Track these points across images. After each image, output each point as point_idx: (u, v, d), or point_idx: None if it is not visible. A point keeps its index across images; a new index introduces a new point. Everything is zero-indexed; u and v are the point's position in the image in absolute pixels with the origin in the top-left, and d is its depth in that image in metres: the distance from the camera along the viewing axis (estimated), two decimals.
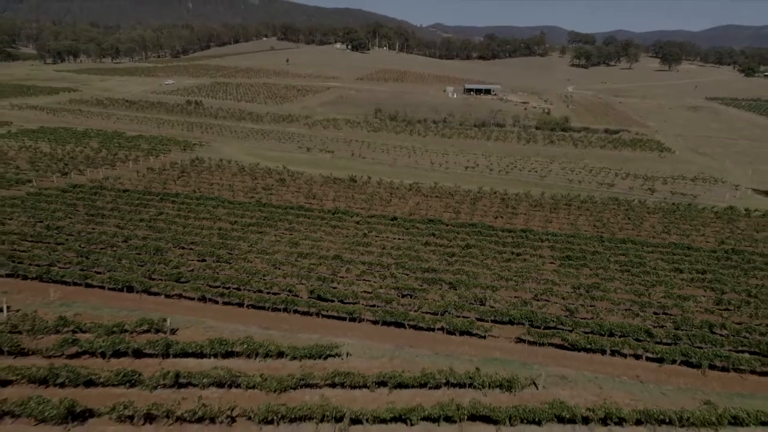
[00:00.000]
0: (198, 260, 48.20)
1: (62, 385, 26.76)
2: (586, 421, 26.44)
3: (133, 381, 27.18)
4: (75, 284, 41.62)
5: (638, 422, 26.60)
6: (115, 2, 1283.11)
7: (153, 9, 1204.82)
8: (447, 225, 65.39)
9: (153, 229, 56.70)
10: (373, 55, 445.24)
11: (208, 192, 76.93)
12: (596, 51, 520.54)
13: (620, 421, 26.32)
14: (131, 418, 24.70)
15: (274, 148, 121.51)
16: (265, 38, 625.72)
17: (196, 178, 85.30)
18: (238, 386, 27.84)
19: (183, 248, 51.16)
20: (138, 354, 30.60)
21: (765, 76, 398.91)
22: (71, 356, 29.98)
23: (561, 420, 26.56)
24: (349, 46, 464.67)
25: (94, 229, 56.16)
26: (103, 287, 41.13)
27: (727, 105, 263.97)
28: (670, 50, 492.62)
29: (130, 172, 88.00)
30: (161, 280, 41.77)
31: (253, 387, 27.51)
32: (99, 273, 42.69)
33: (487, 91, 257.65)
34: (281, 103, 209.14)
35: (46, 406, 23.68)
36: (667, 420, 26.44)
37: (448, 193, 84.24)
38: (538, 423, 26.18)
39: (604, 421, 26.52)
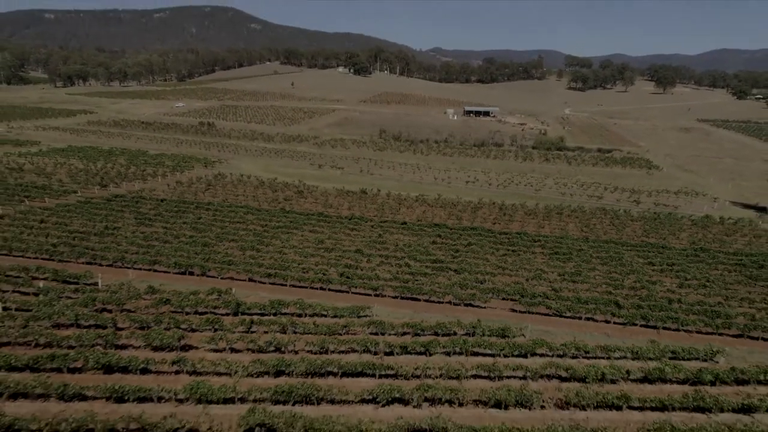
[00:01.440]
0: (240, 253, 56.81)
1: (165, 330, 35.27)
2: (561, 355, 34.94)
3: (216, 327, 35.72)
4: (144, 270, 50.26)
5: (599, 357, 35.08)
6: (120, 28, 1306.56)
7: (156, 34, 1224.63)
8: (451, 229, 74.03)
9: (196, 230, 65.44)
10: (375, 78, 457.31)
11: (236, 202, 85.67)
12: (593, 74, 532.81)
13: (586, 354, 34.84)
14: (222, 350, 33.25)
15: (288, 165, 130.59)
16: (268, 62, 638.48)
17: (222, 191, 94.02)
18: (295, 332, 36.38)
19: (225, 244, 59.79)
20: (214, 312, 39.16)
21: (756, 98, 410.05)
22: (163, 313, 38.53)
23: (542, 355, 35.07)
24: (352, 70, 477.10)
25: (145, 230, 64.82)
26: (168, 271, 49.83)
27: (718, 126, 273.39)
28: (664, 74, 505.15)
29: (161, 185, 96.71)
30: (215, 265, 50.36)
31: (308, 333, 36.06)
32: (162, 261, 51.23)
33: (486, 113, 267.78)
34: (289, 125, 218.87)
35: (164, 335, 32.30)
36: (623, 354, 34.97)
37: (451, 203, 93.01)
38: (525, 356, 34.68)
39: (575, 356, 35.02)
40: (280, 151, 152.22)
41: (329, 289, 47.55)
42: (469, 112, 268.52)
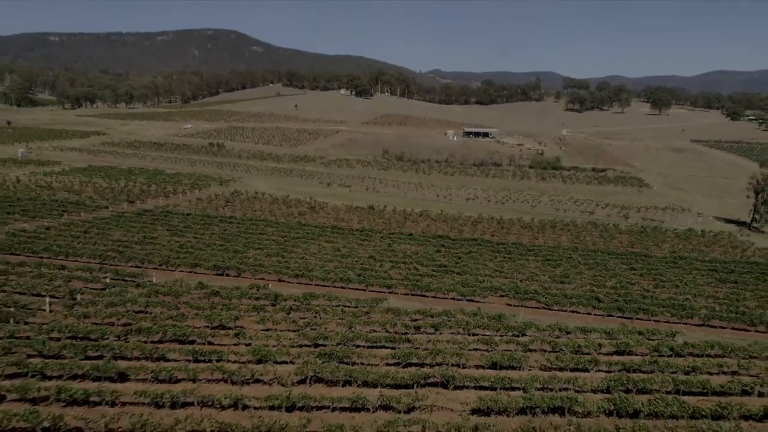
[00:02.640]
0: (267, 258, 64.17)
1: (221, 312, 42.59)
2: (546, 334, 42.20)
3: (260, 311, 43.07)
4: (187, 272, 57.62)
5: (578, 337, 42.34)
6: (123, 50, 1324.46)
7: (160, 56, 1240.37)
8: (453, 240, 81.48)
9: (224, 240, 72.82)
10: (376, 100, 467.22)
11: (254, 216, 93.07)
12: (590, 96, 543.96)
13: (567, 334, 42.10)
14: (269, 329, 40.54)
15: (298, 184, 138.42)
16: (271, 84, 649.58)
17: (240, 206, 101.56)
18: (326, 316, 43.68)
19: (253, 251, 67.18)
20: (257, 302, 46.48)
21: (749, 120, 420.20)
22: (215, 302, 45.86)
23: (531, 335, 42.32)
24: (353, 92, 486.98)
25: (178, 240, 72.20)
26: (207, 273, 57.20)
27: (710, 147, 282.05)
28: (660, 96, 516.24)
29: (182, 201, 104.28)
30: (248, 267, 57.73)
31: (337, 317, 43.39)
32: (202, 264, 58.58)
33: (485, 134, 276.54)
34: (295, 146, 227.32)
35: (222, 316, 39.71)
36: (598, 335, 42.25)
37: (453, 218, 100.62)
38: (517, 335, 41.95)
39: (558, 336, 42.26)
40: (289, 171, 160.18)
41: (349, 288, 54.86)
42: (468, 134, 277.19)
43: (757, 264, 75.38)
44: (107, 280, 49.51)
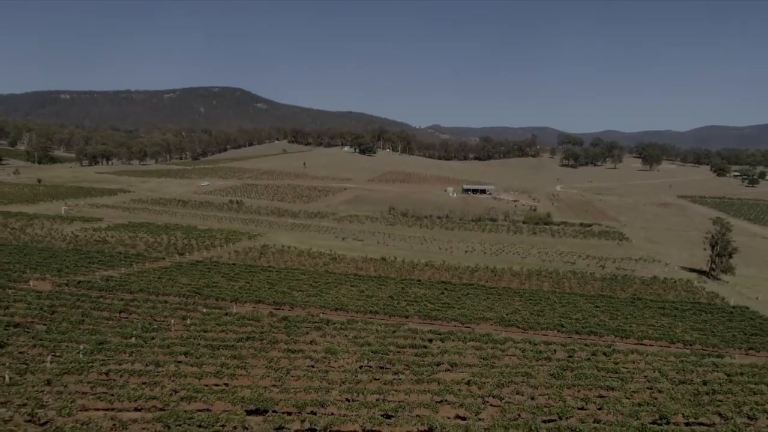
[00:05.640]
0: (308, 297, 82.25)
1: (296, 329, 60.55)
2: (520, 344, 60.19)
3: (319, 329, 61.09)
4: (253, 306, 75.65)
5: (540, 346, 60.27)
6: (131, 107, 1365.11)
7: (167, 113, 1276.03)
8: (454, 284, 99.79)
9: (270, 284, 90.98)
10: (380, 157, 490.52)
11: (285, 266, 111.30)
12: (583, 152, 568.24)
13: (534, 344, 60.11)
14: (330, 340, 58.51)
15: (316, 238, 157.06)
16: (276, 141, 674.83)
17: (273, 258, 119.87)
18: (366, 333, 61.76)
19: (296, 293, 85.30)
20: (314, 324, 64.53)
21: (734, 176, 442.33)
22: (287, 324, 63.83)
23: (508, 344, 60.28)
24: (357, 150, 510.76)
25: (234, 284, 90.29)
26: (267, 307, 75.25)
27: (694, 202, 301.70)
28: (650, 152, 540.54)
29: (223, 253, 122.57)
30: (298, 302, 75.84)
31: (373, 333, 61.38)
32: (263, 300, 76.64)
33: (483, 191, 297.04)
34: (308, 202, 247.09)
35: (297, 331, 57.73)
36: (555, 345, 60.25)
37: (453, 267, 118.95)
38: (501, 342, 59.90)
39: (527, 346, 60.22)
40: (307, 226, 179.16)
41: (377, 317, 72.83)
42: (467, 190, 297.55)
43: (699, 303, 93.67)
44: (204, 310, 67.67)
